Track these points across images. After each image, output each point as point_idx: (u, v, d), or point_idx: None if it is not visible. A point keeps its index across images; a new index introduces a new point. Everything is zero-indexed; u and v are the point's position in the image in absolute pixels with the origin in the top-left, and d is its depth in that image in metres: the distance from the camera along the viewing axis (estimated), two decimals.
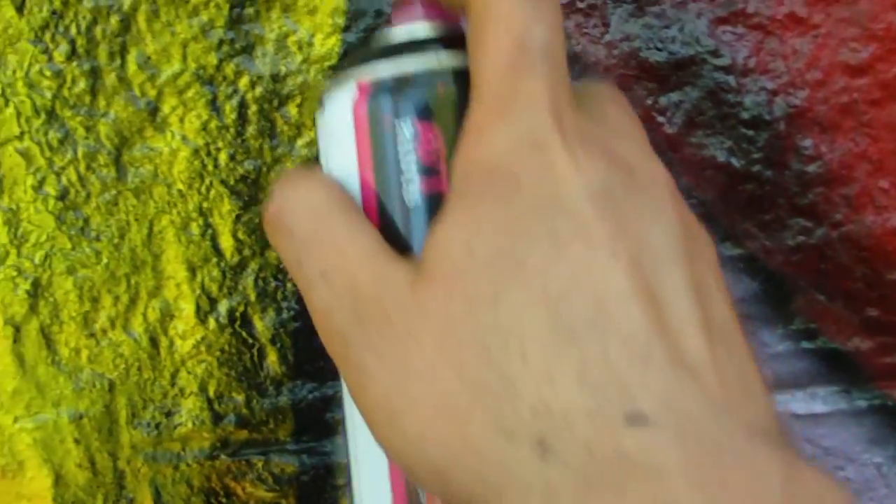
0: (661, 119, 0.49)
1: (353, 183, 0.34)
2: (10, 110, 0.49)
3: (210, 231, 0.50)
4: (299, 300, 0.51)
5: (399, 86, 0.34)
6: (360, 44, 0.44)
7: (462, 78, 0.33)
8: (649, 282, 0.28)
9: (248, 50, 0.49)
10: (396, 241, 0.33)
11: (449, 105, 0.33)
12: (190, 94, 0.49)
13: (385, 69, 0.34)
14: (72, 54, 0.49)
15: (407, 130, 0.33)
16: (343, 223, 0.33)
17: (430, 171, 0.33)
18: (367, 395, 0.31)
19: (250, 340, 0.51)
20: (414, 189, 0.33)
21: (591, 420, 0.26)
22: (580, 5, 0.48)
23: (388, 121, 0.33)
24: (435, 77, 0.34)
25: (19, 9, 0.48)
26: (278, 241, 0.34)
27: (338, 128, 0.35)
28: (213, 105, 0.49)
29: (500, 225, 0.29)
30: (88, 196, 0.50)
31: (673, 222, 0.30)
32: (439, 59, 0.34)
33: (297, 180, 0.34)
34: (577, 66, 0.49)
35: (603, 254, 0.28)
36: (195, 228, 0.50)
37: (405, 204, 0.33)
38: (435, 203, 0.33)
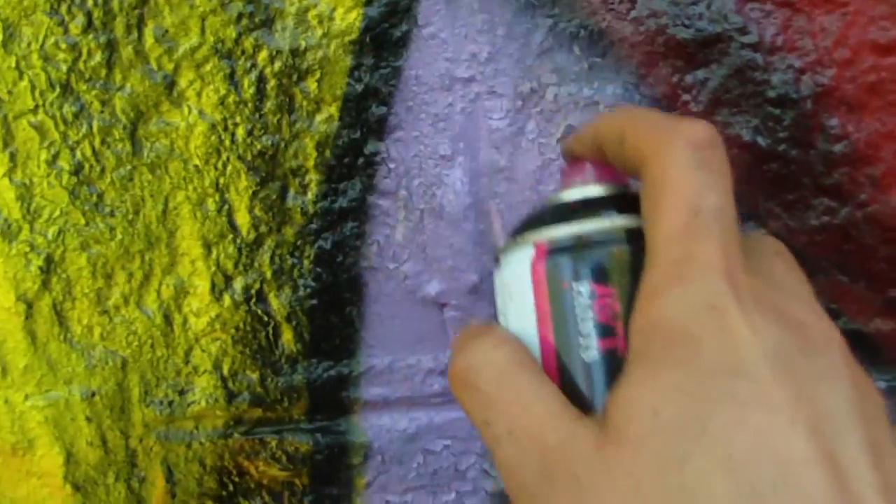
0: (686, 97, 0.49)
1: (533, 340, 0.36)
2: (25, 83, 0.49)
3: (226, 207, 0.50)
4: (315, 277, 0.51)
5: (576, 247, 0.35)
6: (536, 208, 0.44)
7: (634, 238, 0.34)
8: (828, 446, 0.29)
9: (267, 24, 0.48)
10: (576, 398, 0.34)
11: (623, 266, 0.34)
12: (208, 67, 0.49)
13: (562, 231, 0.36)
14: (88, 27, 0.48)
15: (585, 291, 0.35)
16: (527, 382, 0.34)
17: (607, 331, 0.34)
18: None
19: (265, 318, 0.52)
20: (592, 347, 0.34)
21: None
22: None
23: (567, 281, 0.35)
24: (609, 238, 0.35)
25: None
26: (465, 397, 0.36)
27: (516, 286, 0.37)
28: (231, 79, 0.49)
29: (682, 389, 0.30)
30: (103, 171, 0.50)
31: (847, 384, 0.31)
32: (612, 221, 0.35)
33: (483, 338, 0.36)
34: (603, 42, 0.48)
35: (783, 419, 0.29)
36: (211, 204, 0.50)
37: (584, 362, 0.34)
38: (611, 361, 0.34)
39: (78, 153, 0.50)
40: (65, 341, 0.52)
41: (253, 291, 0.51)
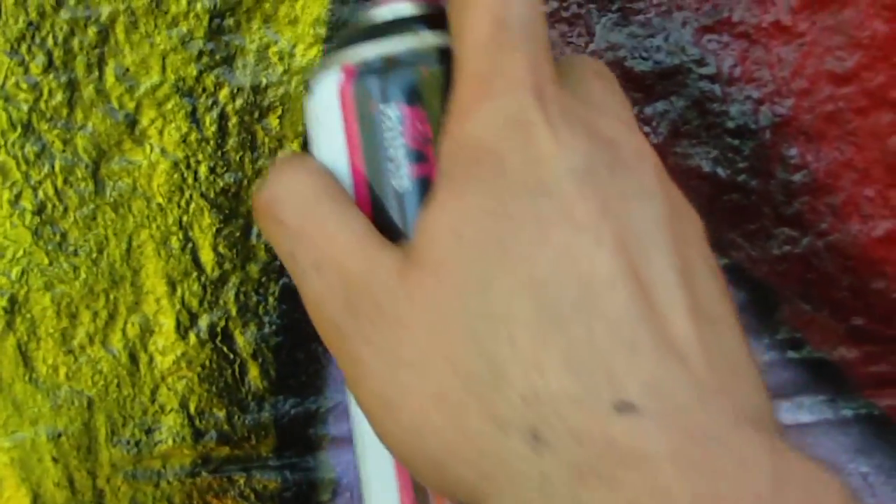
0: (646, 129, 0.50)
1: (343, 169, 0.35)
2: None
3: (190, 245, 0.51)
4: (281, 314, 0.51)
5: (384, 67, 0.34)
6: (346, 25, 0.44)
7: (447, 57, 0.34)
8: (635, 264, 0.28)
9: (228, 61, 0.49)
10: (388, 228, 0.33)
11: (435, 86, 0.34)
12: (169, 106, 0.50)
13: (370, 50, 0.35)
14: (49, 66, 0.49)
15: (394, 114, 0.34)
16: (334, 212, 0.33)
17: (419, 156, 0.34)
18: (363, 386, 0.32)
19: (231, 356, 0.52)
20: (403, 174, 0.34)
21: (580, 408, 0.27)
22: (564, 14, 0.49)
23: (375, 105, 0.34)
24: (419, 58, 0.34)
25: None
26: (270, 231, 0.35)
27: (325, 112, 0.36)
28: (193, 117, 0.50)
29: (485, 209, 0.30)
30: (66, 210, 0.51)
31: (659, 202, 0.30)
32: (423, 39, 0.35)
33: (288, 168, 0.35)
34: None
35: (587, 237, 0.28)
36: (175, 242, 0.51)
37: (395, 190, 0.34)
38: (424, 188, 0.33)
39: (40, 193, 0.50)
40: (30, 382, 0.52)
41: (218, 329, 0.52)
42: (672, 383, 0.27)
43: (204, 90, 0.50)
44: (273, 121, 0.50)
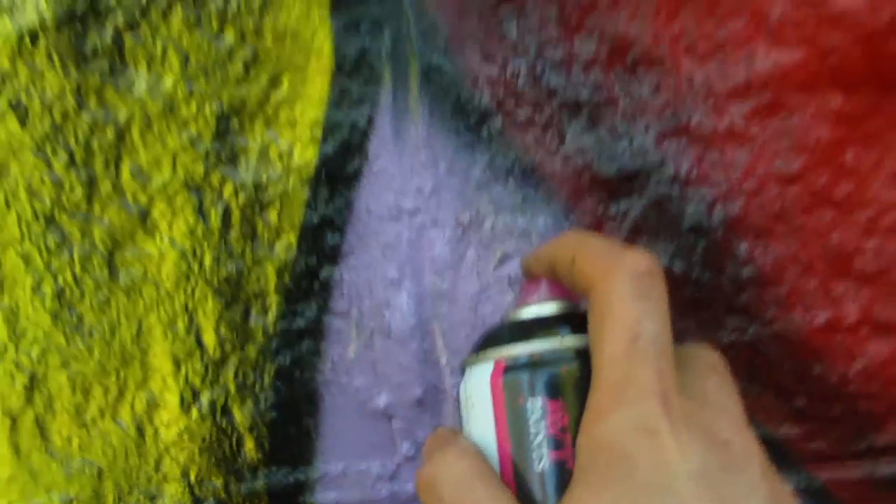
0: (610, 225, 0.53)
1: (492, 448, 0.40)
2: (12, 216, 0.53)
3: (195, 328, 0.54)
4: (275, 391, 0.55)
5: (530, 364, 0.40)
6: (497, 324, 0.47)
7: (583, 357, 0.39)
8: None
9: (232, 160, 0.53)
10: (529, 502, 0.39)
11: (572, 382, 0.39)
12: (178, 200, 0.53)
13: (518, 349, 0.40)
14: (70, 164, 0.52)
15: (538, 405, 0.39)
16: (484, 493, 0.39)
17: (558, 443, 0.39)
18: None
19: (229, 429, 0.55)
20: (544, 458, 0.39)
21: None
22: (538, 121, 0.52)
23: (523, 396, 0.40)
24: (560, 357, 0.40)
25: (22, 122, 0.52)
26: (429, 501, 0.40)
27: (478, 397, 0.41)
28: (200, 211, 0.53)
29: (615, 498, 0.35)
30: (82, 295, 0.54)
31: (764, 496, 0.36)
32: (563, 342, 0.40)
33: (446, 448, 0.40)
34: (535, 176, 0.53)
35: None
36: (181, 325, 0.54)
37: (537, 470, 0.39)
38: (561, 471, 0.39)
39: (60, 279, 0.53)
40: (46, 452, 0.55)
41: (218, 405, 0.55)
42: None
43: (210, 186, 0.53)
44: (272, 215, 0.53)
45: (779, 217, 0.52)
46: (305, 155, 0.53)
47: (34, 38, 0.51)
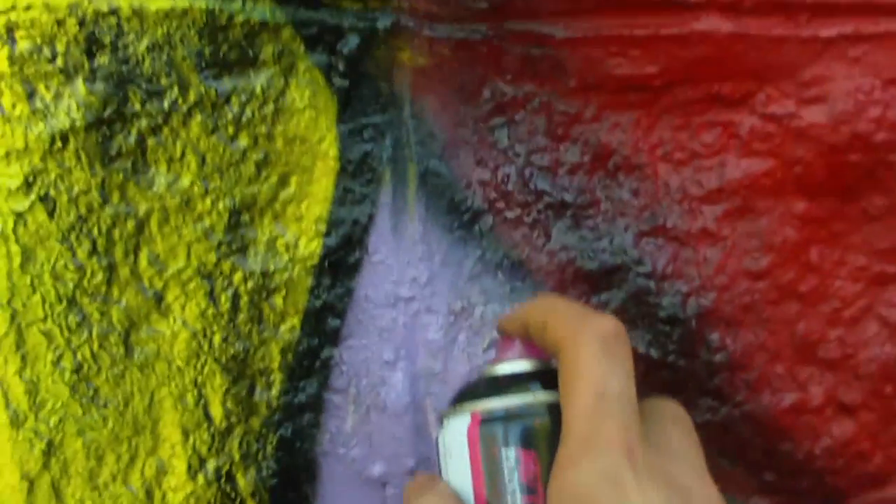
0: None
1: (468, 493, 0.43)
2: (37, 297, 0.56)
3: (203, 401, 0.57)
4: (277, 460, 0.58)
5: (505, 418, 0.43)
6: (474, 379, 0.50)
7: (554, 411, 0.42)
8: None
9: (242, 250, 0.56)
10: None
11: (544, 434, 0.42)
12: (191, 286, 0.56)
13: (493, 403, 0.44)
14: (92, 252, 0.56)
15: (512, 455, 0.42)
16: None
17: (530, 490, 0.42)
18: None
19: (233, 494, 0.58)
20: (517, 502, 0.42)
21: None
22: (526, 220, 0.56)
23: (497, 447, 0.43)
24: (533, 412, 0.43)
25: (50, 213, 0.55)
26: None
27: (455, 447, 0.44)
28: (211, 295, 0.57)
29: None
30: (99, 370, 0.57)
31: None
32: (535, 397, 0.43)
33: (426, 494, 0.43)
34: (523, 269, 0.56)
35: None
36: (190, 398, 0.57)
37: None
38: None
39: (79, 355, 0.57)
40: None
41: (223, 472, 0.58)
42: None
43: (221, 273, 0.57)
44: (278, 300, 0.57)
45: (748, 309, 0.55)
46: (310, 247, 0.56)
47: (65, 139, 0.55)
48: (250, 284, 0.57)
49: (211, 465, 0.58)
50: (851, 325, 0.55)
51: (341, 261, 0.57)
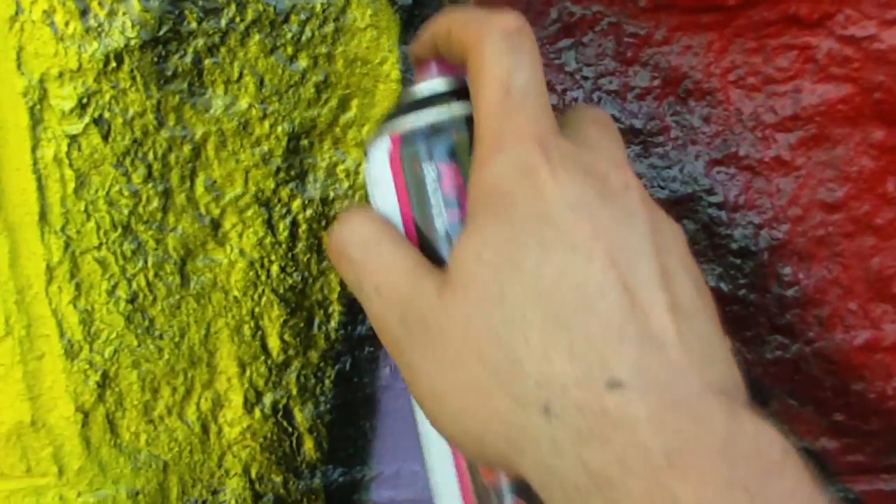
0: None
1: (396, 216, 0.45)
2: (92, 224, 0.58)
3: (260, 333, 0.59)
4: (335, 395, 0.60)
5: (423, 135, 0.44)
6: (392, 106, 0.52)
7: (471, 122, 0.43)
8: (623, 274, 0.35)
9: (301, 176, 0.57)
10: (433, 259, 0.43)
11: (464, 146, 0.44)
12: (249, 213, 0.58)
13: (411, 122, 0.45)
14: (148, 177, 0.57)
15: (432, 172, 0.44)
16: (389, 247, 0.44)
17: (455, 201, 0.44)
18: (418, 386, 0.41)
19: (290, 429, 0.60)
20: (443, 218, 0.44)
21: (580, 387, 0.34)
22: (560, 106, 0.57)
23: (418, 163, 0.44)
24: (450, 125, 0.44)
25: (105, 137, 0.57)
26: (340, 265, 0.45)
27: (379, 173, 0.46)
28: (269, 224, 0.58)
29: (501, 237, 0.38)
30: (155, 300, 0.59)
31: (642, 221, 0.38)
32: (451, 110, 0.45)
33: (353, 216, 0.45)
34: None
35: (582, 255, 0.35)
36: (247, 330, 0.59)
37: (438, 229, 0.44)
38: (459, 224, 0.43)
39: (134, 284, 0.58)
40: (115, 446, 0.60)
41: (280, 406, 0.60)
42: (652, 365, 0.34)
43: (279, 201, 0.58)
44: None
45: (822, 242, 0.56)
46: None
47: (119, 59, 0.56)
48: (309, 212, 0.58)
49: (268, 398, 0.60)
50: None
51: None
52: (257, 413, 0.60)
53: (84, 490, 0.62)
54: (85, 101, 0.57)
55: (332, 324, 0.59)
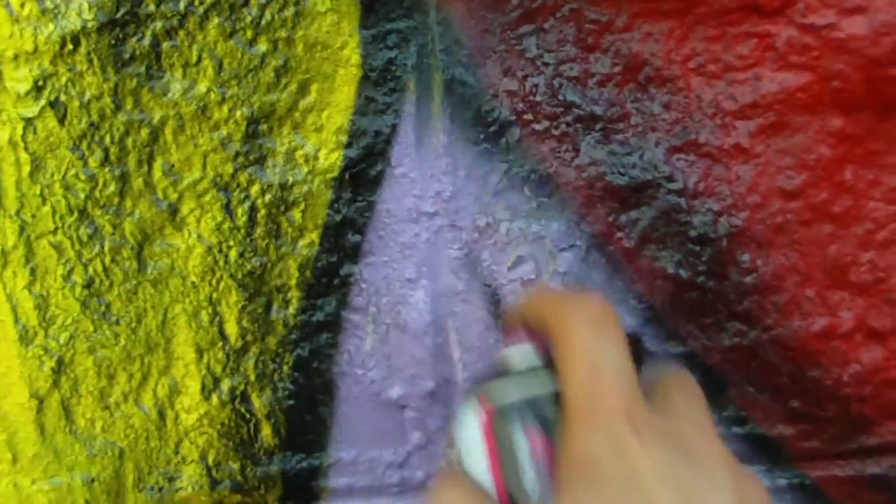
0: (619, 234, 0.58)
1: (488, 481, 0.46)
2: (47, 208, 0.57)
3: (218, 319, 0.59)
4: (293, 381, 0.60)
5: (518, 409, 0.46)
6: (485, 370, 0.53)
7: (559, 397, 0.45)
8: None
9: (260, 161, 0.57)
10: None
11: (554, 420, 0.45)
12: (207, 198, 0.58)
13: (507, 395, 0.47)
14: (105, 161, 0.57)
15: (525, 443, 0.45)
16: None
17: (545, 473, 0.45)
18: None
19: (248, 415, 0.60)
20: (535, 486, 0.45)
21: None
22: (554, 132, 0.57)
23: (511, 436, 0.46)
24: (540, 398, 0.46)
25: (61, 120, 0.56)
26: None
27: (472, 439, 0.47)
28: (227, 208, 0.58)
29: (592, 502, 0.40)
30: (111, 285, 0.59)
31: (729, 489, 0.39)
32: (543, 386, 0.46)
33: (447, 485, 0.46)
34: (550, 185, 0.58)
35: None
36: (205, 316, 0.59)
37: (530, 498, 0.45)
38: (549, 493, 0.44)
39: (90, 269, 0.58)
40: (70, 433, 0.60)
41: (238, 392, 0.60)
42: None
43: (238, 185, 0.58)
44: (297, 214, 0.58)
45: (780, 229, 0.57)
46: (330, 158, 0.58)
47: (76, 41, 0.55)
48: (268, 197, 0.58)
49: (225, 385, 0.60)
50: (884, 247, 0.56)
51: (362, 173, 0.58)
52: (215, 399, 0.60)
53: (38, 477, 0.62)
54: (41, 83, 0.56)
55: (291, 310, 0.59)
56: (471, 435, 0.47)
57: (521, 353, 0.48)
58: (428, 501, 0.46)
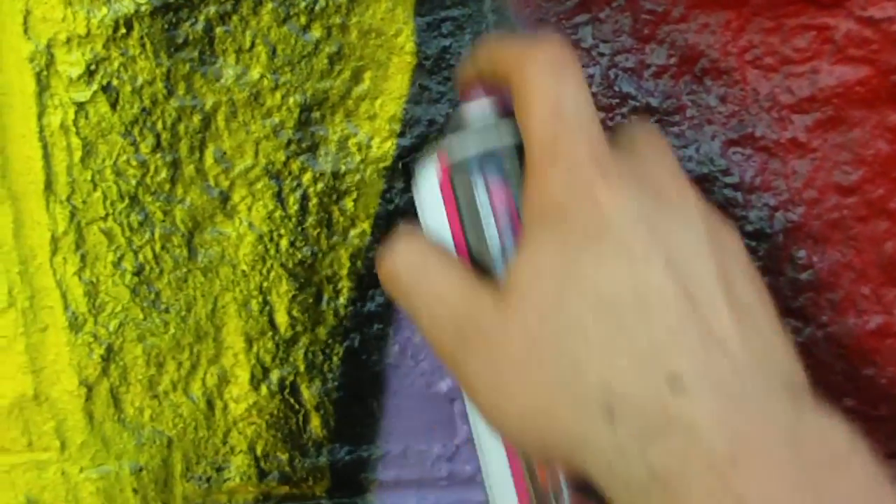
0: None
1: (447, 238, 0.46)
2: (98, 194, 0.58)
3: (268, 308, 0.59)
4: (343, 372, 0.60)
5: (475, 162, 0.46)
6: (443, 120, 0.53)
7: (521, 148, 0.44)
8: (681, 276, 0.36)
9: (312, 149, 0.57)
10: (486, 275, 0.45)
11: (512, 169, 0.45)
12: (259, 186, 0.58)
13: (462, 150, 0.46)
14: (156, 147, 0.57)
15: (485, 196, 0.45)
16: (440, 270, 0.45)
17: (507, 225, 0.45)
18: (478, 394, 0.42)
19: (297, 406, 0.60)
20: (495, 239, 0.45)
21: (642, 389, 0.35)
22: (610, 124, 0.56)
23: (469, 191, 0.46)
24: (501, 151, 0.45)
25: (113, 105, 0.57)
26: (394, 292, 0.47)
27: (429, 197, 0.47)
28: (279, 197, 0.58)
29: (558, 248, 0.40)
30: (161, 273, 0.59)
31: (698, 225, 0.39)
32: (501, 137, 0.46)
33: (400, 239, 0.46)
34: None
35: (640, 260, 0.36)
36: (255, 305, 0.59)
37: (490, 251, 0.45)
38: (513, 244, 0.45)
39: (140, 256, 0.58)
40: (118, 421, 0.60)
41: (287, 383, 0.60)
42: (714, 365, 0.35)
43: (290, 173, 0.58)
44: (349, 203, 0.58)
45: (836, 225, 0.56)
46: (383, 147, 0.58)
47: (129, 25, 0.56)
48: (320, 186, 0.58)
49: (275, 375, 0.60)
50: None
51: (415, 161, 0.56)
52: (264, 389, 0.60)
53: (87, 465, 0.62)
54: (93, 67, 0.57)
55: (342, 300, 0.59)
56: (427, 192, 0.47)
57: (480, 108, 0.47)
58: (384, 258, 0.46)
